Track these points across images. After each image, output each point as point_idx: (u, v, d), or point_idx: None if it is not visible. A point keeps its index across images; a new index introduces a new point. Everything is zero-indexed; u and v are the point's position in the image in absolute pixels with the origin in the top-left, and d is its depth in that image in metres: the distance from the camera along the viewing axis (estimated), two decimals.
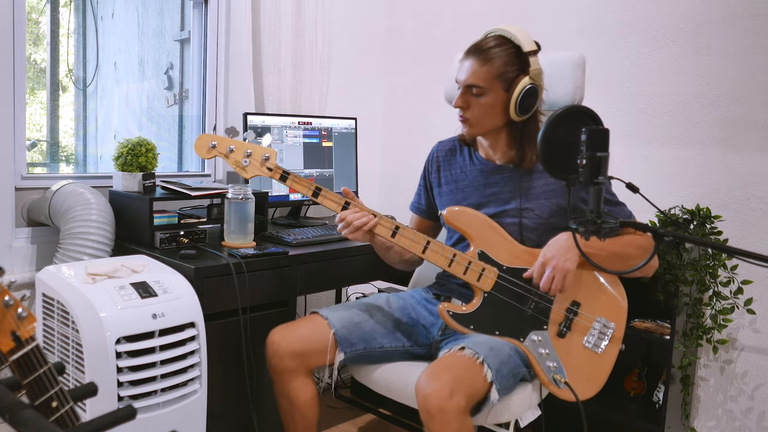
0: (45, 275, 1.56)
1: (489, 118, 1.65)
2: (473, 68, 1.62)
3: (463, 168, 1.79)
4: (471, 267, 1.61)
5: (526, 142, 1.67)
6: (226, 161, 1.64)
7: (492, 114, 1.64)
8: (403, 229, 1.63)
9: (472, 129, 1.68)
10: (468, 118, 1.66)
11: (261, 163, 1.63)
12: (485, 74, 1.60)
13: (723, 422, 2.19)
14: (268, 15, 2.44)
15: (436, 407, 1.38)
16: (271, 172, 1.63)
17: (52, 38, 3.27)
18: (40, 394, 0.73)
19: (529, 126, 1.67)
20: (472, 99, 1.64)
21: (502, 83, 1.61)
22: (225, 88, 2.52)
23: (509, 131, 1.69)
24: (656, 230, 1.06)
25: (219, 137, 1.62)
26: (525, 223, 1.67)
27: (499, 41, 1.62)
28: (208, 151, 1.62)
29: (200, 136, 1.62)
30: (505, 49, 1.61)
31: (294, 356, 1.64)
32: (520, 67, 1.61)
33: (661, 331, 2.08)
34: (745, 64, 2.10)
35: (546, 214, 1.66)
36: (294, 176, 1.64)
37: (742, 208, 2.12)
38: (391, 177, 3.12)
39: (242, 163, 1.62)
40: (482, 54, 1.61)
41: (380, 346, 1.70)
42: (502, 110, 1.63)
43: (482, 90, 1.62)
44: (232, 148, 1.62)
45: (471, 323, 1.59)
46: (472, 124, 1.67)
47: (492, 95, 1.62)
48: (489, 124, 1.66)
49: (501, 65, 1.60)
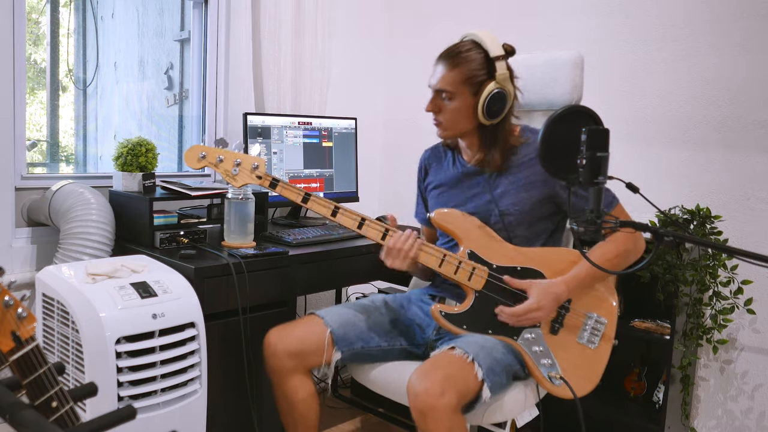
0: (45, 275, 1.56)
1: (459, 121, 1.68)
2: (443, 73, 1.66)
3: (447, 171, 1.82)
4: (461, 267, 1.62)
5: (493, 144, 1.69)
6: (216, 170, 1.67)
7: (461, 118, 1.67)
8: (392, 231, 1.64)
9: (445, 132, 1.72)
10: (441, 122, 1.70)
11: (251, 171, 1.66)
12: (453, 79, 1.64)
13: (723, 422, 2.19)
14: (268, 15, 2.44)
15: (427, 405, 1.39)
16: (260, 180, 1.66)
17: (52, 38, 3.28)
18: (40, 394, 0.73)
19: (498, 130, 1.68)
20: (442, 103, 1.68)
21: (469, 88, 1.64)
22: (225, 88, 2.52)
23: (480, 134, 1.71)
24: (656, 230, 1.06)
25: (208, 147, 1.67)
26: (509, 221, 1.67)
27: (469, 46, 1.65)
28: (198, 161, 1.66)
29: (190, 147, 1.66)
30: (473, 54, 1.63)
31: (291, 356, 1.65)
32: (488, 72, 1.63)
33: (661, 331, 2.08)
34: (745, 64, 2.10)
35: (528, 207, 1.67)
36: (283, 183, 1.66)
37: (742, 208, 2.12)
38: (391, 177, 3.12)
39: (232, 172, 1.66)
40: (451, 59, 1.65)
41: (377, 345, 1.71)
42: (470, 114, 1.66)
43: (451, 94, 1.65)
44: (222, 158, 1.66)
45: (464, 323, 1.60)
46: (444, 127, 1.70)
47: (460, 99, 1.65)
48: (460, 127, 1.69)
49: (468, 70, 1.63)
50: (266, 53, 2.45)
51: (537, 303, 1.55)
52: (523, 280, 1.59)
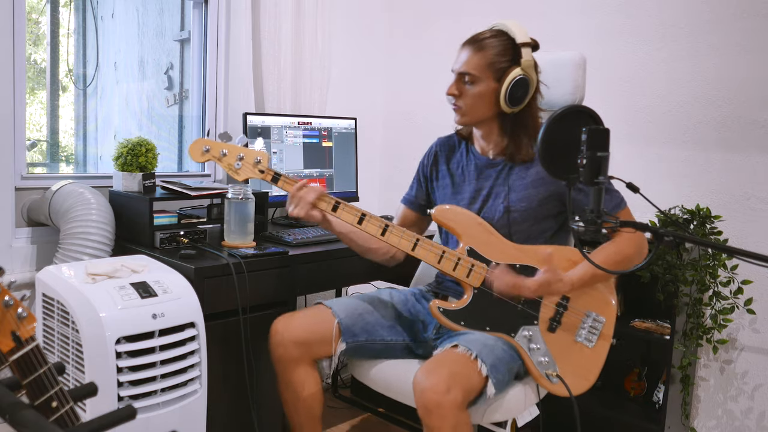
0: (45, 275, 1.56)
1: (480, 107, 1.67)
2: (467, 57, 1.66)
3: (460, 162, 1.81)
4: (460, 263, 1.62)
5: (520, 133, 1.68)
6: (219, 164, 1.68)
7: (483, 103, 1.67)
8: (392, 227, 1.64)
9: (464, 117, 1.71)
10: (460, 107, 1.70)
11: (253, 165, 1.67)
12: (477, 63, 1.64)
13: (723, 422, 2.19)
14: (268, 15, 2.44)
15: (433, 402, 1.40)
16: (263, 174, 1.67)
17: (52, 38, 3.28)
18: (40, 394, 0.73)
19: (521, 118, 1.68)
20: (464, 87, 1.67)
21: (493, 73, 1.64)
22: (225, 88, 2.52)
23: (500, 123, 1.71)
24: (656, 230, 1.06)
25: (212, 141, 1.68)
26: (513, 217, 1.68)
27: (494, 33, 1.67)
28: (202, 155, 1.67)
29: (194, 141, 1.67)
30: (499, 40, 1.65)
31: (298, 345, 1.64)
32: (512, 58, 1.64)
33: (661, 331, 2.08)
34: (745, 64, 2.10)
35: (534, 203, 1.67)
36: (285, 178, 1.66)
37: (742, 208, 2.12)
38: (391, 177, 3.12)
39: (235, 166, 1.67)
40: (476, 44, 1.66)
41: (381, 339, 1.72)
42: (492, 100, 1.66)
43: (474, 78, 1.65)
44: (225, 152, 1.67)
45: (462, 319, 1.61)
46: (464, 112, 1.70)
47: (483, 84, 1.65)
48: (480, 113, 1.69)
49: (493, 55, 1.64)
50: (266, 53, 2.45)
51: (557, 275, 1.52)
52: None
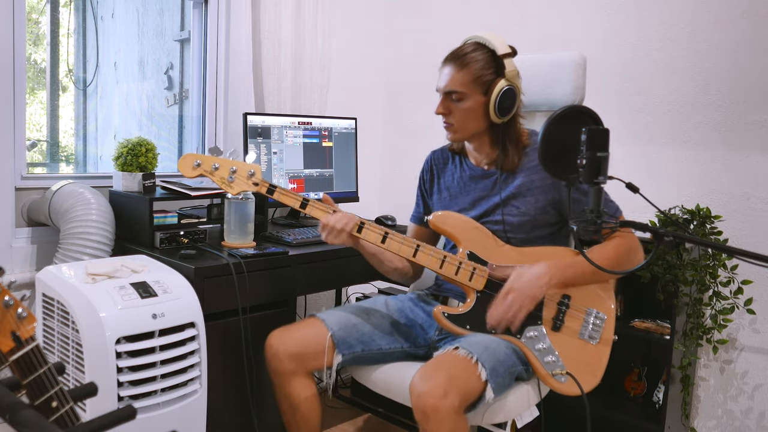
0: (45, 275, 1.56)
1: (471, 122, 1.68)
2: (451, 75, 1.66)
3: (454, 175, 1.82)
4: (462, 267, 1.62)
5: (507, 143, 1.70)
6: (212, 179, 1.65)
7: (473, 118, 1.67)
8: (393, 234, 1.64)
9: (457, 134, 1.72)
10: (452, 124, 1.70)
11: (247, 178, 1.66)
12: (462, 79, 1.64)
13: (723, 422, 2.19)
14: (268, 15, 2.44)
15: (430, 406, 1.39)
16: (257, 186, 1.66)
17: (52, 38, 3.28)
18: (40, 394, 0.73)
19: (509, 128, 1.69)
20: (453, 105, 1.68)
21: (479, 87, 1.64)
22: (225, 88, 2.52)
23: (492, 134, 1.72)
24: (656, 230, 1.06)
25: (203, 156, 1.65)
26: (509, 222, 1.68)
27: (474, 47, 1.66)
28: (193, 169, 1.64)
29: (184, 155, 1.64)
30: (480, 53, 1.65)
31: (293, 358, 1.64)
32: (495, 70, 1.64)
33: (661, 331, 2.08)
34: (745, 64, 2.10)
35: (533, 211, 1.67)
36: (281, 189, 1.66)
37: (742, 208, 2.12)
38: (391, 177, 3.12)
39: (228, 180, 1.64)
40: (458, 60, 1.66)
41: (378, 348, 1.71)
42: (482, 113, 1.66)
43: (461, 95, 1.65)
44: (217, 166, 1.64)
45: (467, 323, 1.60)
46: (455, 129, 1.70)
47: (471, 100, 1.65)
48: (472, 128, 1.69)
49: (477, 69, 1.64)
50: (266, 53, 2.45)
51: (509, 286, 1.56)
52: (506, 267, 1.60)
